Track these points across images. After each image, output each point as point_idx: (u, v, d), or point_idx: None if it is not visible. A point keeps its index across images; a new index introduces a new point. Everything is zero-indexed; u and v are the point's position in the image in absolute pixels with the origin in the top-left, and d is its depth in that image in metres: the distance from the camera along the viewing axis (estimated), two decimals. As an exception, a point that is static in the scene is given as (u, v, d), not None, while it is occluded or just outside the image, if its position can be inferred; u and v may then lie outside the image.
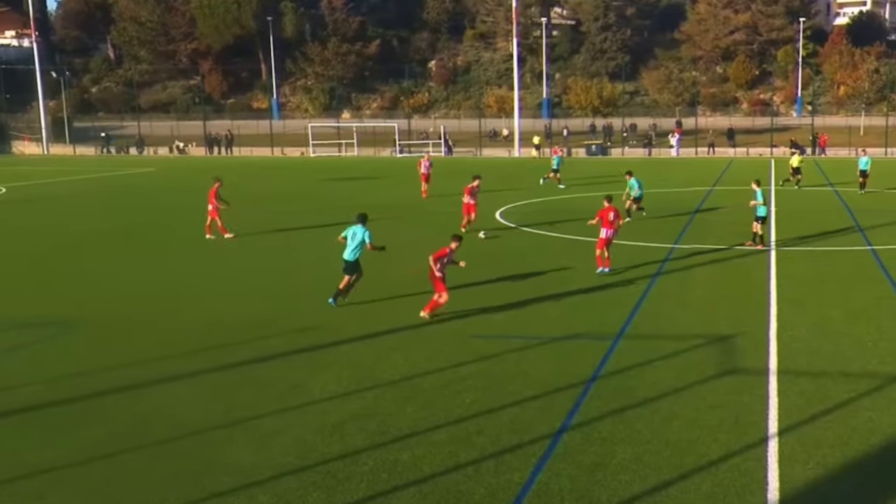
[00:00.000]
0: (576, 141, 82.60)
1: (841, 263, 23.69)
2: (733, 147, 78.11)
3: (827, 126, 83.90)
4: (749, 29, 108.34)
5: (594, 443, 11.67)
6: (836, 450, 11.34)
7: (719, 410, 12.75)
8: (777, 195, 40.27)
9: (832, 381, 14.01)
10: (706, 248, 26.04)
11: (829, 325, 17.35)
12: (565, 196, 41.61)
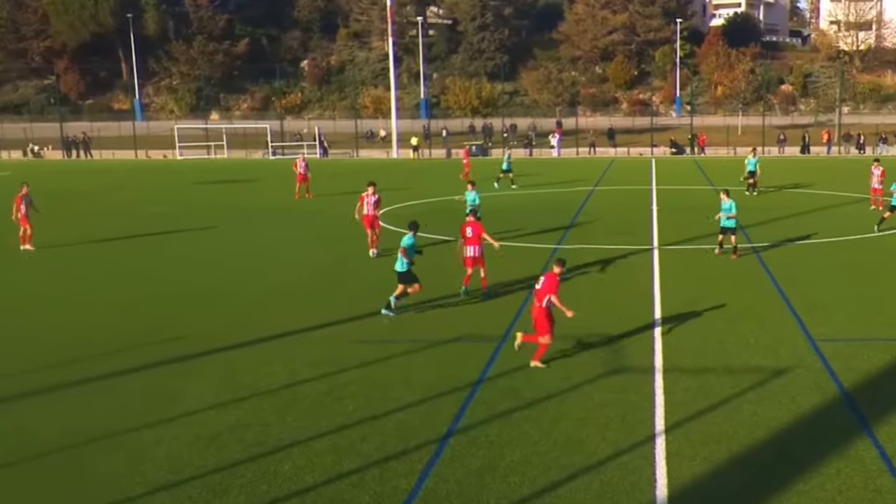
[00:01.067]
0: (456, 142, 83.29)
1: (723, 262, 24.62)
2: (614, 147, 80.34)
3: (705, 126, 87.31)
4: (627, 29, 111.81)
5: (482, 446, 11.79)
6: (722, 445, 11.79)
7: (607, 409, 13.08)
8: (658, 195, 41.61)
9: (716, 377, 14.56)
10: (590, 248, 26.64)
11: (713, 323, 18.01)
12: (445, 198, 41.84)
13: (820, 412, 13.04)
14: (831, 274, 22.90)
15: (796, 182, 46.24)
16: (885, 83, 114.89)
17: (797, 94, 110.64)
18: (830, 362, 15.22)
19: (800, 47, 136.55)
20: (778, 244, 27.22)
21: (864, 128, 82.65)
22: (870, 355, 15.60)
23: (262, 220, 34.93)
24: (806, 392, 13.77)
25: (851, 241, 27.71)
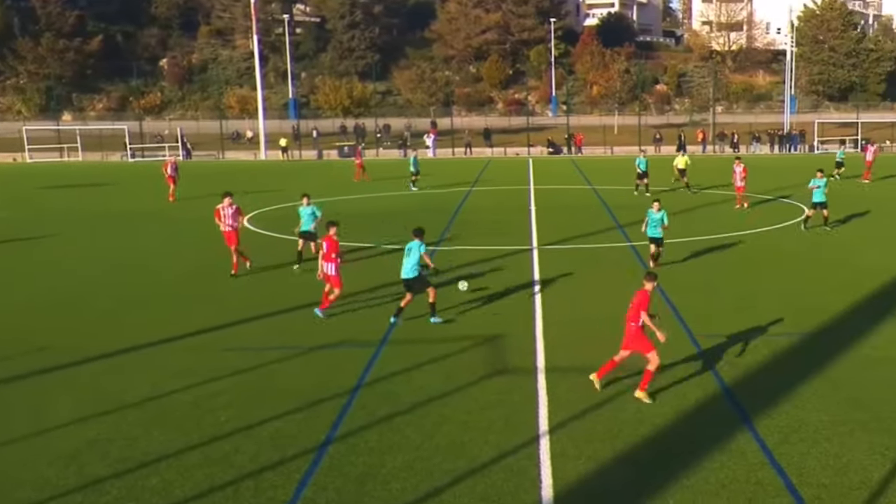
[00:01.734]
0: (327, 142, 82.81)
1: (602, 260, 25.22)
2: (490, 147, 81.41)
3: (582, 125, 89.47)
4: (501, 29, 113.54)
5: (362, 453, 11.72)
6: (607, 443, 12.05)
7: (490, 411, 13.19)
8: (536, 195, 42.31)
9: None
10: (468, 249, 26.86)
11: (594, 322, 18.38)
12: (320, 200, 41.48)
13: (702, 407, 13.47)
14: (709, 271, 23.71)
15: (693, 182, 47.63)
16: (757, 83, 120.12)
17: (672, 94, 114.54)
18: (711, 357, 15.76)
19: (673, 47, 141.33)
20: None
21: (738, 127, 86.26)
22: (748, 350, 16.22)
23: (122, 225, 33.91)
24: (688, 388, 14.21)
25: (727, 238, 28.76)
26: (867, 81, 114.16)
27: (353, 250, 26.51)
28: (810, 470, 11.17)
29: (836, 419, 12.80)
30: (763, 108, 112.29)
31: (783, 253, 26.23)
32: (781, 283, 22.01)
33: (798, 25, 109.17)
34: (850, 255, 25.82)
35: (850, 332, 17.44)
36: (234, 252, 23.30)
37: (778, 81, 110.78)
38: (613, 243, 28.16)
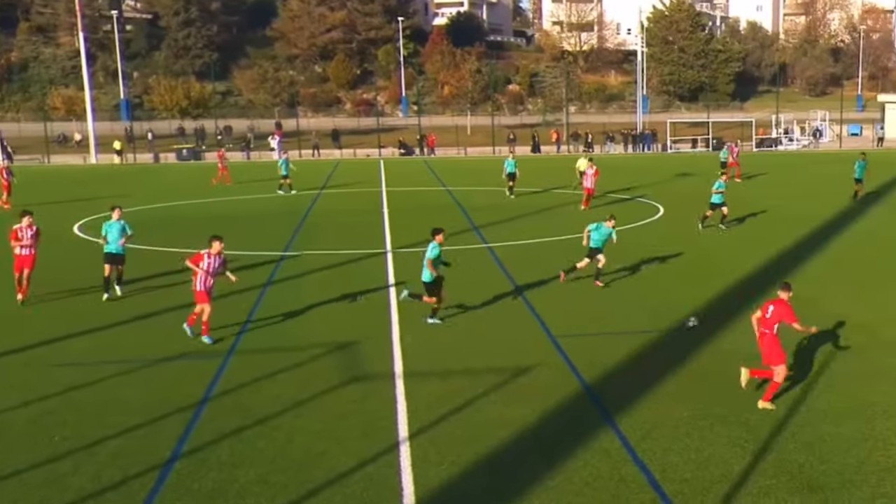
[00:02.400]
0: (164, 145, 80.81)
1: (459, 263, 25.36)
2: (339, 148, 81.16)
3: (434, 126, 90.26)
4: (346, 27, 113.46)
5: (212, 468, 11.46)
6: (468, 447, 12.16)
7: (347, 419, 13.12)
8: (389, 197, 42.40)
9: (459, 379, 15.00)
10: (320, 254, 26.69)
11: (453, 325, 18.56)
12: (163, 204, 40.47)
13: (564, 408, 13.76)
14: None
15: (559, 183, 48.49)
16: (610, 83, 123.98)
17: (525, 94, 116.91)
18: (572, 358, 16.12)
19: (525, 47, 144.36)
20: (515, 243, 28.50)
21: (591, 127, 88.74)
22: (608, 349, 16.69)
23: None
24: (549, 389, 14.49)
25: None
26: (716, 82, 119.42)
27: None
28: (672, 465, 11.56)
29: (696, 414, 13.30)
30: (616, 107, 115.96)
31: (641, 251, 27.06)
32: (640, 281, 22.73)
33: (648, 26, 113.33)
34: (709, 252, 26.92)
35: (708, 327, 18.15)
36: (26, 278, 20.73)
37: (630, 81, 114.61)
38: (470, 245, 28.47)
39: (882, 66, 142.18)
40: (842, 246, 28.01)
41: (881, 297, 20.81)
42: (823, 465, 11.48)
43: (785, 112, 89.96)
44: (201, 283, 17.18)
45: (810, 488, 10.84)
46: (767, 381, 13.91)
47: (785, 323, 13.72)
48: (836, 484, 10.94)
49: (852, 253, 26.80)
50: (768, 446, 12.07)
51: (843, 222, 32.80)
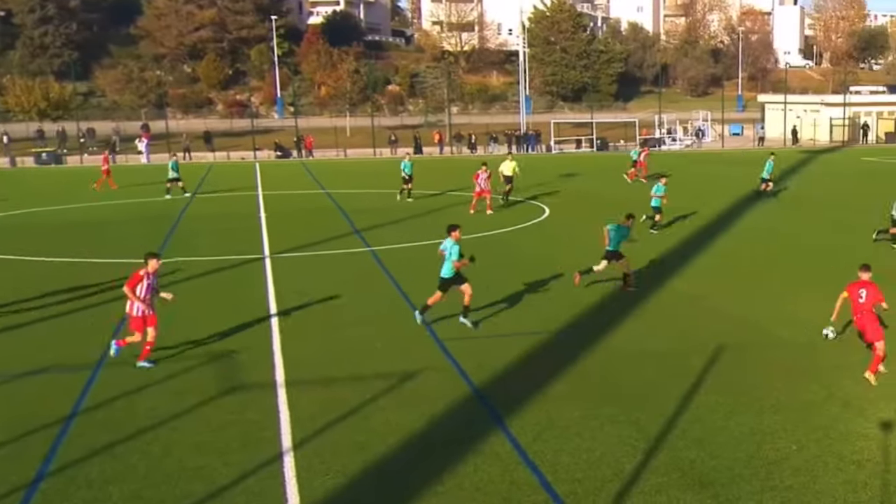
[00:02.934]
0: (21, 149, 78.18)
1: (342, 267, 25.35)
2: (212, 151, 79.92)
3: (312, 127, 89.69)
4: (216, 26, 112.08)
5: (81, 486, 11.13)
6: (356, 455, 12.10)
7: (226, 431, 12.92)
8: (266, 200, 41.94)
9: (344, 386, 14.94)
10: (194, 261, 26.21)
11: (337, 331, 18.46)
12: (27, 210, 39.15)
13: (454, 412, 13.83)
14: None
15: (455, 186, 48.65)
16: (492, 83, 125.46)
17: (405, 95, 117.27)
18: (460, 362, 16.22)
19: (404, 47, 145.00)
20: (399, 246, 28.52)
21: (474, 128, 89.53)
22: (497, 351, 16.84)
23: None
24: (438, 393, 14.54)
25: (470, 241, 29.74)
26: (599, 82, 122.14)
27: (63, 266, 25.26)
28: (564, 465, 11.73)
29: (587, 414, 13.53)
30: (499, 108, 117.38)
31: (527, 252, 27.48)
32: (527, 283, 23.00)
33: (529, 27, 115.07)
34: (597, 252, 27.42)
35: (597, 327, 18.52)
36: None
37: (512, 82, 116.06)
38: (352, 248, 28.39)
39: (761, 67, 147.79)
40: (730, 243, 28.93)
41: (769, 293, 21.58)
42: (714, 460, 11.81)
43: (667, 112, 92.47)
44: (138, 310, 15.96)
45: (701, 484, 11.14)
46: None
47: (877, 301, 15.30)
48: (727, 479, 11.27)
49: (741, 250, 27.69)
50: (659, 444, 12.36)
51: (731, 220, 33.87)
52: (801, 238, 30.08)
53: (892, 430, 12.79)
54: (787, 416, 13.34)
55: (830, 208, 37.67)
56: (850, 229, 31.06)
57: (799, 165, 59.96)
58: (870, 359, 15.08)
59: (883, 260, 21.58)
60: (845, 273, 22.61)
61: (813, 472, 11.44)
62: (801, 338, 17.63)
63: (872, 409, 13.64)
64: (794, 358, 16.35)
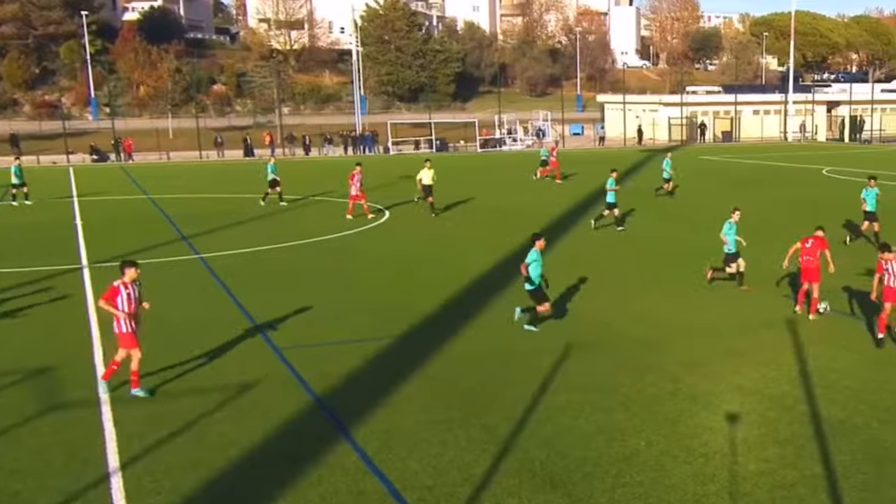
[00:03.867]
0: None
1: (169, 275, 24.75)
2: (20, 155, 76.76)
3: (131, 129, 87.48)
4: (20, 22, 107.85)
5: None
6: (190, 472, 11.87)
7: (46, 453, 12.48)
8: (82, 206, 40.65)
9: (177, 400, 14.66)
10: (3, 273, 25.23)
11: (165, 342, 18.02)
12: None
13: (295, 423, 13.73)
14: (289, 280, 24.22)
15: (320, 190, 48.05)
16: (325, 83, 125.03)
17: (232, 95, 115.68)
18: (300, 370, 16.13)
19: (230, 45, 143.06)
20: (231, 252, 28.12)
21: (307, 129, 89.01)
22: (338, 359, 16.81)
23: None
24: (278, 404, 14.41)
25: (309, 245, 29.60)
26: (436, 82, 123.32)
27: None
28: (413, 473, 11.80)
29: (434, 419, 13.65)
30: (333, 109, 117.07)
31: (368, 256, 27.48)
32: (368, 287, 23.06)
33: (362, 25, 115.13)
34: (440, 253, 27.74)
35: (441, 330, 18.72)
36: None
37: (346, 82, 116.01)
38: (179, 256, 27.83)
39: (599, 67, 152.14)
40: (579, 242, 29.66)
41: (615, 292, 22.26)
42: (564, 459, 12.10)
43: (507, 112, 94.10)
44: (126, 325, 15.03)
45: (553, 484, 11.40)
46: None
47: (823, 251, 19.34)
48: (578, 477, 11.56)
49: (592, 248, 28.44)
50: (509, 446, 12.58)
51: (577, 219, 34.70)
52: (648, 235, 31.08)
53: (739, 423, 13.39)
54: (636, 413, 13.81)
55: (673, 205, 39.04)
56: (689, 224, 32.39)
57: (640, 164, 61.97)
58: (716, 353, 15.77)
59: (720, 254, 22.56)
60: (689, 268, 23.61)
61: (663, 467, 11.86)
62: (648, 335, 18.28)
63: (718, 402, 14.26)
64: (642, 355, 16.92)
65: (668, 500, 10.97)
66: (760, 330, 18.61)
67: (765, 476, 11.57)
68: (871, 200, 28.66)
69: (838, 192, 43.39)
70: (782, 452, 12.30)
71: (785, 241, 21.96)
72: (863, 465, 11.86)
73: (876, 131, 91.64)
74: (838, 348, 17.19)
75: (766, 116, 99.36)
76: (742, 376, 15.59)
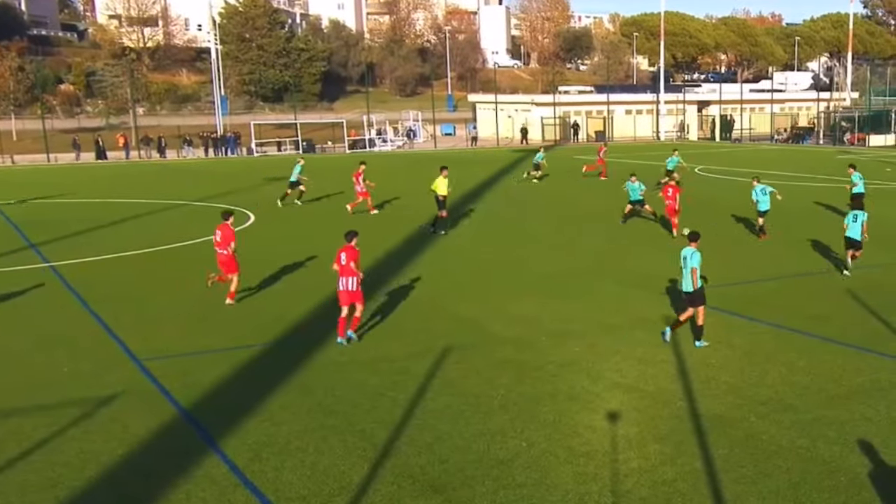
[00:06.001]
0: None
1: (16, 286, 23.97)
2: None
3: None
4: None
5: None
6: (47, 492, 11.61)
7: None
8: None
9: (27, 417, 14.25)
10: None
11: (13, 356, 17.59)
12: None
13: (159, 437, 13.48)
14: (151, 287, 23.79)
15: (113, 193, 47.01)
16: (182, 82, 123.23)
17: (82, 95, 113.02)
18: (163, 382, 15.86)
19: (77, 43, 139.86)
20: (82, 260, 27.47)
21: (164, 130, 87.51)
22: (204, 368, 16.59)
23: None
24: (139, 418, 14.13)
25: (169, 251, 29.11)
26: (301, 82, 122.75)
27: None
28: (287, 483, 11.72)
29: (308, 427, 13.59)
30: (192, 109, 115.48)
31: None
32: (237, 291, 22.78)
33: (221, 22, 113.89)
34: (310, 256, 27.56)
35: (313, 336, 18.61)
36: None
37: (205, 81, 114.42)
38: (28, 265, 27.04)
39: (470, 66, 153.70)
40: (465, 243, 29.89)
41: (493, 293, 22.53)
42: (444, 464, 12.18)
43: (376, 112, 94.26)
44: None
45: (434, 489, 11.46)
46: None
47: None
48: (459, 482, 11.65)
49: (472, 249, 28.70)
50: (387, 452, 12.61)
51: (460, 219, 34.94)
52: (533, 234, 31.49)
53: (619, 420, 13.68)
54: (515, 414, 13.99)
55: (553, 205, 39.66)
56: (574, 223, 33.02)
57: (517, 164, 62.75)
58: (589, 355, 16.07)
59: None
60: (573, 268, 24.04)
61: (544, 468, 12.05)
62: (524, 335, 18.56)
63: (598, 402, 14.56)
64: (519, 356, 17.16)
65: (550, 500, 11.15)
66: (636, 328, 19.06)
67: (646, 473, 11.85)
68: (763, 198, 29.75)
69: (711, 188, 44.88)
70: (662, 449, 12.64)
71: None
72: (741, 459, 12.25)
73: (745, 130, 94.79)
74: (715, 344, 17.70)
75: (638, 116, 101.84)
76: (621, 374, 15.96)
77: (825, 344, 17.80)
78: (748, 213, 31.37)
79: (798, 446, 12.68)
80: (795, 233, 30.22)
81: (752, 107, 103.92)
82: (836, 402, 14.45)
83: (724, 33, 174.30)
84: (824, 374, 15.91)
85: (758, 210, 29.70)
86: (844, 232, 24.17)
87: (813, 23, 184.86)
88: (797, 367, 16.31)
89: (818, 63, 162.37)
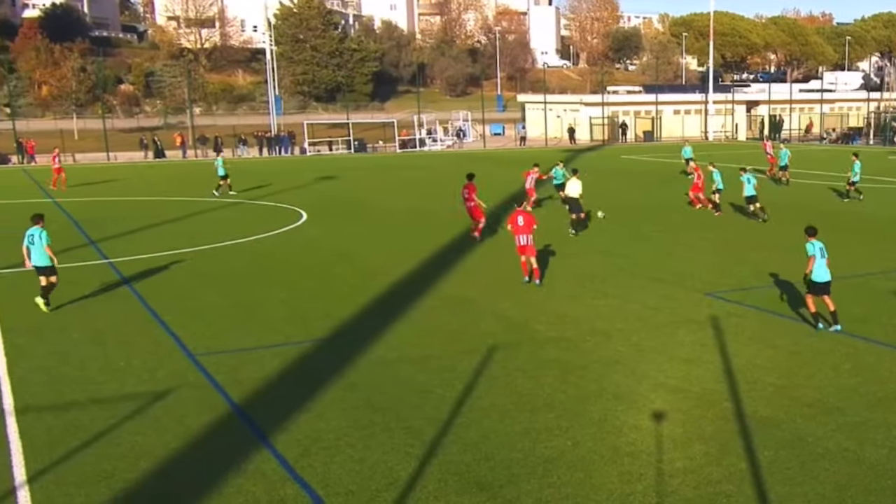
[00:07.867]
0: None
1: (75, 282, 24.25)
2: None
3: (34, 131, 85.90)
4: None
5: None
6: (102, 484, 11.68)
7: (-51, 467, 12.21)
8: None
9: (85, 410, 14.39)
10: None
11: (72, 350, 17.77)
12: None
13: (211, 431, 13.58)
14: (203, 284, 24.00)
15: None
16: (237, 83, 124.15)
17: (140, 95, 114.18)
18: (216, 377, 15.97)
19: (137, 44, 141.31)
20: (140, 257, 27.75)
21: (220, 129, 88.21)
22: (254, 364, 16.70)
23: None
24: (193, 412, 14.24)
25: (221, 249, 29.32)
26: (354, 82, 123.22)
27: None
28: (335, 479, 11.76)
29: (356, 424, 13.62)
30: (246, 109, 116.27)
31: (283, 260, 27.33)
32: (285, 291, 22.92)
33: (276, 23, 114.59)
34: (352, 255, 27.65)
35: (361, 334, 18.68)
36: None
37: (260, 81, 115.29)
38: (87, 261, 27.37)
39: (519, 67, 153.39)
40: (494, 244, 29.81)
41: (534, 292, 22.44)
42: (490, 461, 12.16)
43: (426, 112, 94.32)
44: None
45: (479, 486, 11.45)
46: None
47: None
48: (504, 479, 11.63)
49: (506, 250, 28.60)
50: (434, 449, 12.60)
51: (497, 221, 34.86)
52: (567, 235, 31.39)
53: (664, 421, 13.59)
54: (561, 413, 13.93)
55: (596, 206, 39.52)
56: (615, 222, 32.83)
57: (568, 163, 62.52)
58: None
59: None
60: (615, 267, 23.94)
61: (589, 467, 11.99)
62: (568, 335, 18.50)
63: (643, 401, 14.46)
64: (564, 355, 17.10)
65: (595, 499, 11.09)
66: (679, 328, 18.92)
67: (690, 474, 11.76)
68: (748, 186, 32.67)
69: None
70: (707, 449, 12.53)
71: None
72: (787, 461, 12.11)
73: (794, 130, 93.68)
74: (760, 345, 17.54)
75: (686, 116, 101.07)
76: (666, 374, 15.84)
77: (870, 345, 17.57)
78: (794, 214, 30.93)
79: (844, 449, 12.52)
80: (839, 234, 29.75)
81: (801, 107, 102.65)
82: (883, 405, 14.26)
83: (773, 33, 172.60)
84: (870, 376, 15.70)
85: (745, 196, 32.51)
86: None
87: (864, 22, 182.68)
88: (842, 369, 16.11)
89: (869, 63, 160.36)
